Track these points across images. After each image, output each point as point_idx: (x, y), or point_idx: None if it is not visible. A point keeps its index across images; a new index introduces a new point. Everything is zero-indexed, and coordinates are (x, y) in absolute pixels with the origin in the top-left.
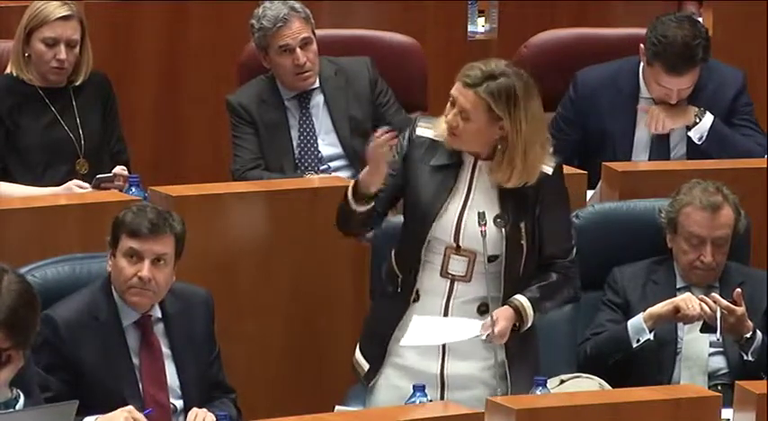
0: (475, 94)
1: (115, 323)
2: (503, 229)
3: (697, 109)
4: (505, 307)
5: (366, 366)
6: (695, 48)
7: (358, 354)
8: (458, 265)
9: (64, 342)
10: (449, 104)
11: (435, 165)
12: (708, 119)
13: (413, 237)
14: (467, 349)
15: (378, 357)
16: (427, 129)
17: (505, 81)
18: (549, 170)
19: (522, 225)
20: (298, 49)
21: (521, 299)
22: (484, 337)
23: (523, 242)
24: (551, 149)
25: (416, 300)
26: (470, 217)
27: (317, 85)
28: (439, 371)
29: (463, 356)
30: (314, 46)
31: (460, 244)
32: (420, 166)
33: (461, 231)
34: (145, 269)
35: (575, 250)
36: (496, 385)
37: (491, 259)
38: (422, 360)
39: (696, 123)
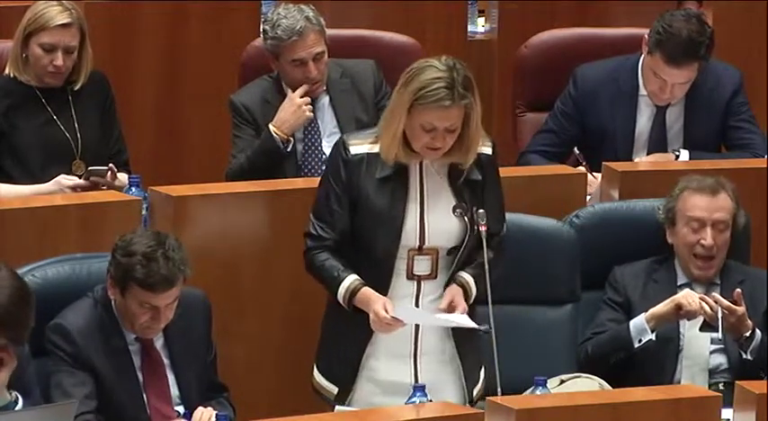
0: (456, 108)
1: (119, 339)
2: (465, 218)
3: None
4: (454, 286)
5: (335, 389)
6: (699, 44)
7: (319, 378)
8: (422, 265)
9: (78, 347)
10: (421, 131)
11: (381, 177)
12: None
13: (382, 252)
14: (435, 356)
15: (350, 378)
16: (360, 146)
17: (462, 74)
18: (488, 151)
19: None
20: (310, 62)
21: (465, 276)
22: (486, 328)
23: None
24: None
25: None
26: (431, 217)
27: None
28: (413, 381)
29: (433, 362)
30: (325, 57)
31: (424, 245)
32: (366, 183)
33: (426, 233)
34: (160, 315)
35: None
36: (462, 383)
37: (451, 251)
38: (395, 372)
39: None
